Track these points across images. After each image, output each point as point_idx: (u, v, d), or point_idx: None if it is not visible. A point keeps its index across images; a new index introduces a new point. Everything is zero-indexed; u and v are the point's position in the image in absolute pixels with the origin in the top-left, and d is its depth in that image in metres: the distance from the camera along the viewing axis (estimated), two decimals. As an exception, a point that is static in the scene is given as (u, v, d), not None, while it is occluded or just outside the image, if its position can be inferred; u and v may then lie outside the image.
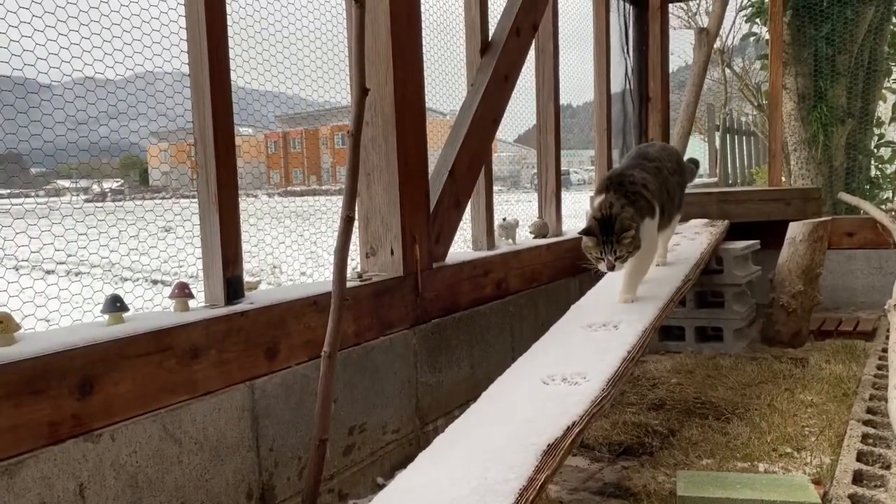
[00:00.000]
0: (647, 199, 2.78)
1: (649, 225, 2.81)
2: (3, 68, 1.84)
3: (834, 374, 3.41)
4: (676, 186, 3.17)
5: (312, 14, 2.68)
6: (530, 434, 1.88)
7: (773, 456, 2.57)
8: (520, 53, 3.80)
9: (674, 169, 3.16)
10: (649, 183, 2.84)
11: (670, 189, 3.06)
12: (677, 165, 3.24)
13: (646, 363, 3.86)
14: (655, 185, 2.89)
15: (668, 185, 3.03)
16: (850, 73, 6.40)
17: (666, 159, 3.14)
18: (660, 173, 2.99)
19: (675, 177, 3.15)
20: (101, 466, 1.78)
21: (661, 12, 6.06)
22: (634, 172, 2.86)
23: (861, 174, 6.69)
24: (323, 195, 3.36)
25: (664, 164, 3.07)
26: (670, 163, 3.15)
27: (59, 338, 1.79)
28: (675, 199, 3.17)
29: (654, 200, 2.84)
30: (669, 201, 3.06)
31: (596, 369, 2.27)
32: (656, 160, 3.06)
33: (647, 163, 3.01)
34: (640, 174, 2.86)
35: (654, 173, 2.96)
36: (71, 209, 2.07)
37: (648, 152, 3.13)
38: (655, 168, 3.00)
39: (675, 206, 3.20)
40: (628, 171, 2.86)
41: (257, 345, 2.22)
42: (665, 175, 3.03)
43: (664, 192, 2.98)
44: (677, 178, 3.19)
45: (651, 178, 2.89)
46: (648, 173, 2.91)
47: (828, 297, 4.80)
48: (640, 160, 3.02)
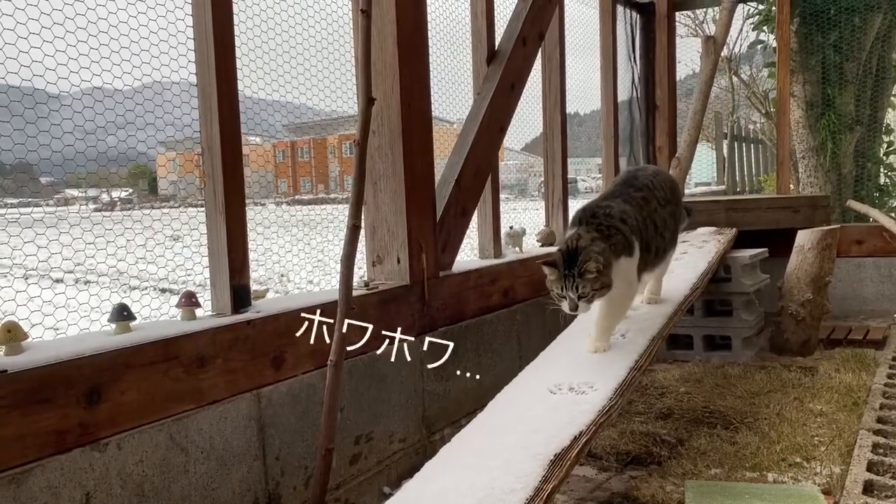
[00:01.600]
0: (625, 234, 2.41)
1: (626, 264, 2.41)
2: (14, 79, 1.85)
3: (844, 383, 3.38)
4: (668, 218, 2.74)
5: (319, 24, 2.70)
6: (537, 443, 1.87)
7: (783, 466, 2.55)
8: (526, 62, 3.80)
9: (666, 198, 2.74)
10: (629, 217, 2.47)
11: (659, 222, 2.65)
12: (670, 194, 2.79)
13: (654, 372, 3.85)
14: (638, 218, 2.52)
15: (655, 217, 2.63)
16: (859, 80, 6.37)
17: (657, 187, 2.72)
18: (647, 204, 2.61)
19: (666, 207, 2.72)
20: (107, 475, 1.78)
21: (667, 20, 6.06)
22: (613, 204, 2.49)
23: (870, 182, 6.66)
24: (330, 204, 3.36)
25: (654, 194, 2.67)
26: (662, 191, 2.72)
27: (66, 346, 1.80)
28: (667, 232, 2.73)
29: (634, 236, 2.45)
30: (657, 236, 2.64)
31: (603, 378, 2.26)
32: (644, 189, 2.66)
33: (633, 192, 2.62)
34: (620, 206, 2.49)
35: (639, 205, 2.57)
36: (79, 218, 2.08)
37: (637, 179, 2.72)
38: (642, 198, 2.61)
39: (666, 241, 2.75)
40: (605, 203, 2.49)
41: (264, 353, 2.23)
42: (654, 206, 2.64)
43: (650, 225, 2.59)
44: (670, 209, 2.75)
45: (633, 210, 2.52)
46: (631, 205, 2.54)
47: (837, 306, 4.77)
48: (625, 188, 2.64)
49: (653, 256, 2.62)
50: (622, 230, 2.40)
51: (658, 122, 6.11)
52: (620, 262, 2.37)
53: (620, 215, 2.44)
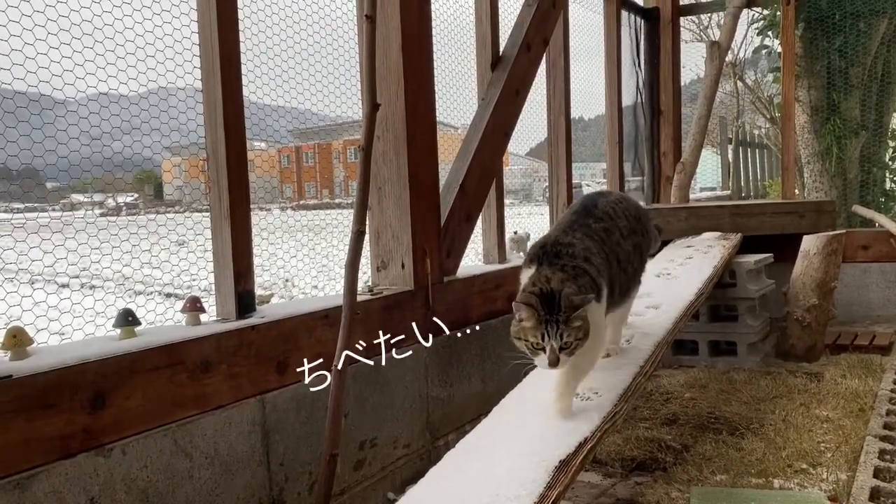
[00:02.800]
0: (591, 275, 2.05)
1: (595, 310, 2.02)
2: (20, 84, 1.86)
3: (850, 389, 3.37)
4: (632, 251, 2.35)
5: (324, 30, 2.70)
6: (542, 450, 1.86)
7: (789, 472, 2.54)
8: (531, 68, 3.81)
9: (630, 229, 2.36)
10: (593, 255, 2.11)
11: (622, 256, 2.28)
12: (635, 223, 2.40)
13: (659, 378, 3.83)
14: (601, 256, 2.16)
15: (618, 251, 2.27)
16: (864, 85, 6.36)
17: (620, 215, 2.34)
18: (609, 236, 2.24)
19: (630, 238, 2.35)
20: (112, 481, 1.78)
21: (672, 25, 6.07)
22: (575, 241, 2.11)
23: (875, 187, 6.64)
24: (335, 209, 3.37)
25: (616, 223, 2.30)
26: (625, 220, 2.34)
27: (71, 352, 1.80)
28: (630, 267, 2.34)
29: (601, 278, 2.10)
30: (621, 272, 2.27)
31: (608, 384, 2.26)
32: (606, 218, 2.28)
33: (593, 223, 2.24)
34: (583, 242, 2.12)
35: (601, 238, 2.21)
36: (85, 223, 2.09)
37: (596, 207, 2.31)
38: (604, 230, 2.24)
39: (630, 279, 2.38)
40: (567, 239, 2.11)
41: (268, 359, 2.23)
42: (616, 238, 2.27)
43: (613, 262, 2.23)
44: (634, 240, 2.38)
45: (596, 245, 2.17)
46: (593, 239, 2.18)
47: (843, 311, 4.75)
48: (584, 218, 2.25)
49: (616, 296, 2.26)
50: (589, 271, 2.04)
51: (663, 128, 6.11)
52: (591, 308, 1.96)
53: (584, 253, 2.07)
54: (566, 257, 2.03)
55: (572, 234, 2.15)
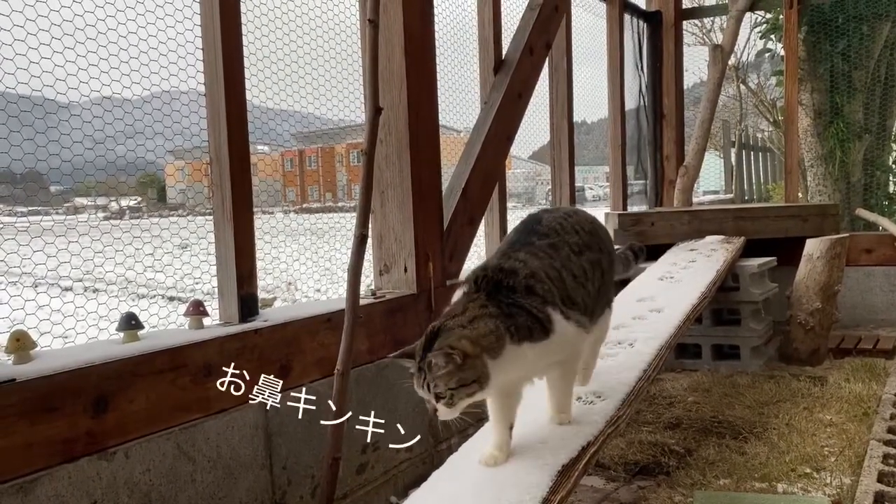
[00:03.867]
0: (532, 312, 1.73)
1: (528, 352, 1.71)
2: (24, 89, 1.87)
3: (853, 393, 3.36)
4: (589, 269, 1.98)
5: (327, 33, 2.71)
6: (545, 454, 1.86)
7: (792, 476, 2.53)
8: (533, 71, 3.81)
9: (584, 244, 2.00)
10: (539, 281, 1.79)
11: (578, 273, 1.93)
12: (590, 238, 2.04)
13: (662, 381, 3.83)
14: (551, 274, 1.85)
15: (573, 267, 1.92)
16: (867, 88, 6.36)
17: (570, 230, 1.99)
18: (557, 252, 1.92)
19: (585, 254, 1.98)
20: (114, 484, 1.79)
21: (674, 29, 6.07)
22: (517, 266, 1.80)
23: (879, 190, 6.63)
24: (338, 212, 3.37)
25: (565, 239, 1.96)
26: (577, 235, 2.00)
27: (74, 355, 1.81)
28: (590, 286, 1.97)
29: (550, 305, 1.77)
30: (579, 287, 1.93)
31: (611, 388, 2.25)
32: (551, 234, 1.95)
33: (537, 240, 1.93)
34: (527, 266, 1.81)
35: (549, 255, 1.89)
36: (88, 227, 2.09)
37: (540, 223, 1.99)
38: (550, 246, 1.92)
39: (594, 298, 2.00)
40: (508, 264, 1.80)
41: (271, 362, 2.23)
42: (566, 253, 1.93)
43: (568, 277, 1.90)
44: (589, 257, 2.00)
45: (543, 265, 1.85)
46: (538, 258, 1.87)
47: (846, 315, 4.74)
48: (527, 237, 1.94)
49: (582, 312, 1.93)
50: (526, 308, 1.73)
51: (665, 131, 6.11)
52: (522, 350, 1.70)
53: (527, 281, 1.77)
54: (505, 290, 1.75)
55: (514, 256, 1.85)
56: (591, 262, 2.00)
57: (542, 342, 1.74)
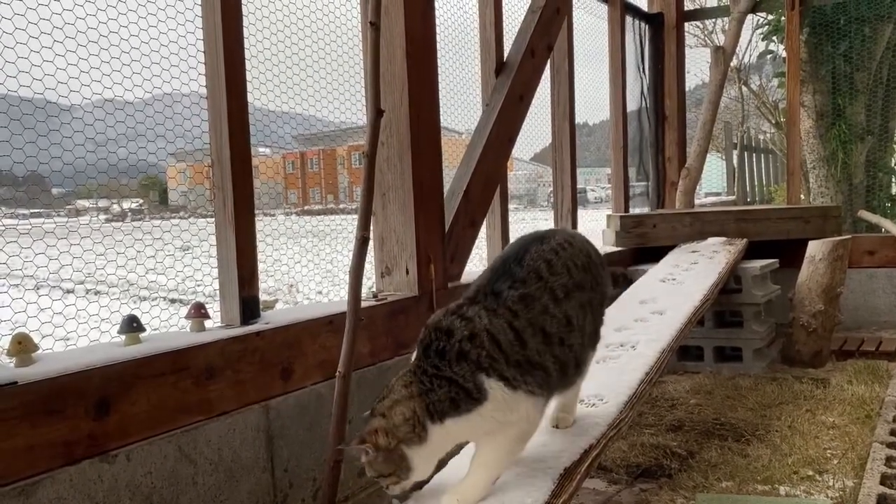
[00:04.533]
0: (457, 382, 1.52)
1: (454, 427, 1.55)
2: (26, 91, 1.87)
3: (856, 395, 3.35)
4: (578, 314, 1.72)
5: (328, 36, 2.71)
6: (547, 457, 1.85)
7: (795, 479, 2.53)
8: (535, 73, 3.81)
9: (576, 284, 1.73)
10: (478, 346, 1.55)
11: (554, 328, 1.66)
12: (584, 275, 1.77)
13: (664, 384, 3.82)
14: (496, 343, 1.57)
15: (546, 323, 1.65)
16: (869, 90, 6.35)
17: (559, 271, 1.71)
18: (529, 307, 1.63)
19: (574, 297, 1.72)
20: (116, 487, 1.78)
21: (676, 31, 6.07)
22: (455, 327, 1.57)
23: (881, 192, 6.62)
24: (339, 214, 3.37)
25: (548, 284, 1.68)
26: (567, 275, 1.72)
27: (76, 358, 1.81)
28: (574, 338, 1.71)
29: (484, 376, 1.53)
30: (556, 348, 1.67)
31: (613, 390, 2.25)
32: (529, 281, 1.67)
33: (507, 289, 1.65)
34: (481, 322, 1.58)
35: (514, 312, 1.62)
36: (90, 229, 2.10)
37: (521, 262, 1.70)
38: (520, 299, 1.63)
39: (578, 351, 1.74)
40: (446, 322, 1.59)
41: (272, 365, 2.23)
42: (544, 304, 1.66)
43: (533, 341, 1.62)
44: (581, 298, 1.75)
45: (498, 326, 1.59)
46: (496, 315, 1.60)
47: (849, 317, 4.73)
48: (499, 281, 1.67)
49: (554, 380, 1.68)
50: (452, 376, 1.53)
51: (667, 133, 6.10)
52: (446, 428, 1.54)
53: (459, 347, 1.54)
54: (434, 356, 1.56)
55: (465, 310, 1.61)
56: (580, 304, 1.74)
57: (471, 412, 1.53)
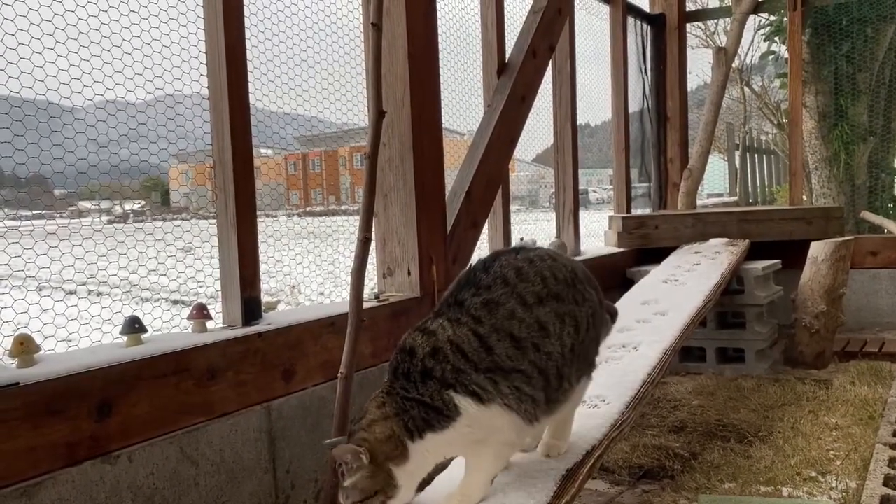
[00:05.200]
0: (425, 402, 1.47)
1: (435, 441, 1.48)
2: (28, 92, 1.87)
3: (859, 397, 3.34)
4: (558, 324, 1.59)
5: (330, 37, 2.71)
6: (549, 458, 1.85)
7: (797, 480, 2.52)
8: (536, 74, 3.81)
9: (550, 293, 1.60)
10: (441, 361, 1.49)
11: (524, 333, 1.54)
12: (562, 288, 1.62)
13: (666, 385, 3.82)
14: (461, 353, 1.50)
15: (514, 329, 1.54)
16: (872, 90, 6.34)
17: (529, 279, 1.59)
18: (492, 313, 1.54)
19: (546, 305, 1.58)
20: (118, 488, 1.78)
21: (678, 31, 6.06)
22: (417, 344, 1.53)
23: (884, 192, 6.61)
24: (341, 215, 3.37)
25: (517, 290, 1.57)
26: (541, 283, 1.59)
27: (78, 359, 1.81)
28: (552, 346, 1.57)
29: (452, 393, 1.47)
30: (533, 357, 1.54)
31: (615, 392, 2.24)
32: (494, 286, 1.57)
33: (470, 297, 1.57)
34: (444, 333, 1.52)
35: (477, 319, 1.53)
36: (92, 230, 2.10)
37: (487, 271, 1.61)
38: (483, 305, 1.55)
39: (568, 361, 1.61)
40: (412, 339, 1.54)
41: (274, 366, 2.22)
42: (510, 309, 1.55)
43: (502, 350, 1.51)
44: (557, 308, 1.60)
45: (462, 335, 1.51)
46: (460, 324, 1.53)
47: (852, 318, 4.72)
48: (461, 291, 1.59)
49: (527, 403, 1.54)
50: (420, 397, 1.47)
51: (669, 133, 6.10)
52: (417, 448, 1.48)
53: (423, 366, 1.49)
54: (401, 377, 1.50)
55: (429, 325, 1.56)
56: (558, 314, 1.59)
57: (447, 429, 1.48)
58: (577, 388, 1.70)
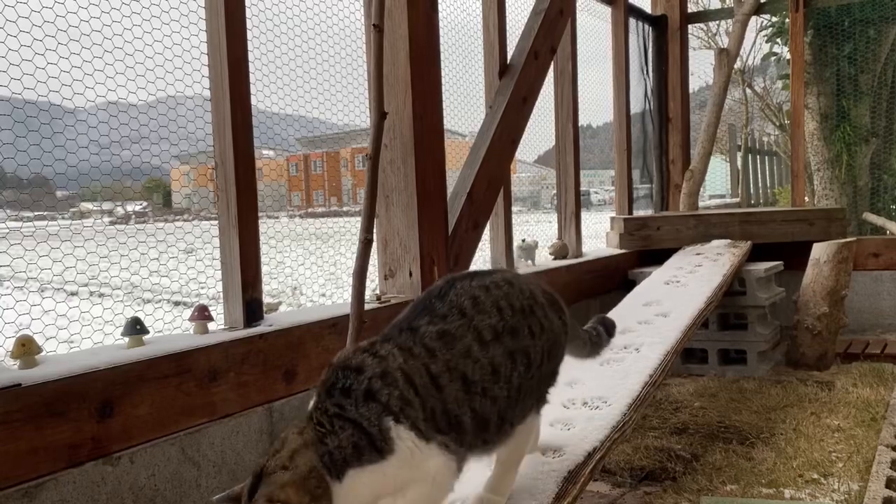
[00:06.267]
0: (361, 425, 1.33)
1: (355, 483, 1.31)
2: (30, 94, 1.87)
3: (861, 398, 3.34)
4: (509, 365, 1.53)
5: (332, 38, 2.71)
6: (551, 460, 1.85)
7: (800, 482, 2.52)
8: (538, 76, 3.81)
9: (507, 328, 1.54)
10: (389, 385, 1.37)
11: (477, 375, 1.47)
12: (518, 319, 1.57)
13: (668, 386, 3.81)
14: (411, 384, 1.39)
15: (467, 368, 1.46)
16: (874, 92, 6.34)
17: (486, 309, 1.53)
18: (448, 346, 1.46)
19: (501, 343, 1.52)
20: (119, 489, 1.78)
21: (680, 33, 6.06)
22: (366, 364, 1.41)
23: (886, 194, 6.61)
24: (343, 216, 3.37)
25: (474, 323, 1.50)
26: (497, 315, 1.53)
27: (80, 360, 1.81)
28: (499, 389, 1.50)
29: (392, 421, 1.33)
30: (477, 399, 1.46)
31: (617, 393, 2.25)
32: (450, 316, 1.50)
33: (425, 325, 1.49)
34: (394, 361, 1.41)
35: (431, 350, 1.45)
36: (94, 232, 2.10)
37: (443, 297, 1.54)
38: (438, 335, 1.47)
39: (512, 405, 1.54)
40: (357, 361, 1.43)
41: (276, 367, 2.22)
42: (466, 345, 1.48)
43: (451, 386, 1.43)
44: (511, 345, 1.54)
45: (410, 367, 1.41)
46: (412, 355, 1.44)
47: (854, 319, 4.71)
48: (417, 317, 1.52)
49: (469, 437, 1.45)
50: (356, 417, 1.33)
51: (671, 135, 6.10)
52: (348, 483, 1.31)
53: (368, 386, 1.36)
54: (339, 394, 1.37)
55: (378, 348, 1.46)
56: (509, 353, 1.52)
57: (373, 465, 1.31)
58: (521, 428, 1.60)
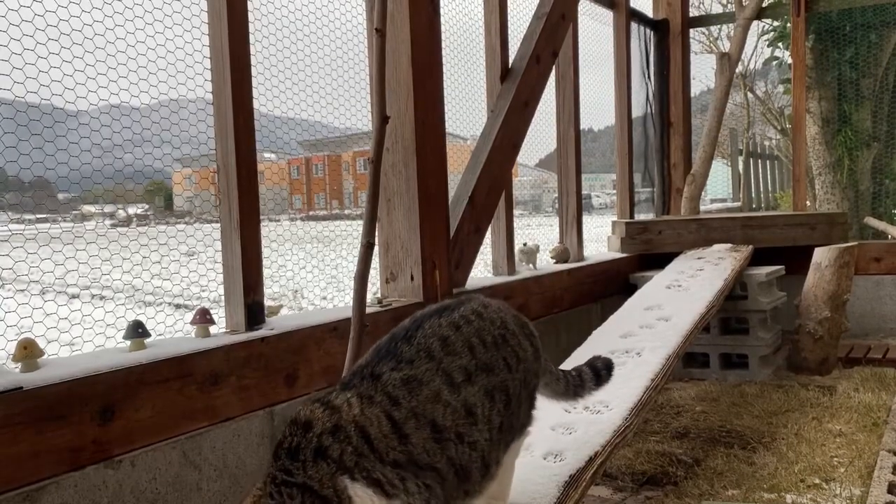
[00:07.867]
0: (312, 489, 1.22)
1: None
2: (32, 97, 1.88)
3: (863, 403, 3.33)
4: (487, 404, 1.46)
5: (334, 42, 2.72)
6: (552, 464, 1.85)
7: (801, 487, 2.51)
8: (540, 80, 3.81)
9: (481, 365, 1.47)
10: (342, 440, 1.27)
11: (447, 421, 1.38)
12: (492, 354, 1.51)
13: (669, 391, 3.81)
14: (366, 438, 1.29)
15: (437, 415, 1.37)
16: (875, 96, 6.33)
17: (458, 350, 1.46)
18: (414, 394, 1.37)
19: (476, 381, 1.45)
20: (120, 493, 1.78)
21: (682, 37, 6.07)
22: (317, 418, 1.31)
23: (888, 198, 6.60)
24: (345, 220, 3.37)
25: (443, 366, 1.42)
26: (469, 355, 1.46)
27: (81, 364, 1.81)
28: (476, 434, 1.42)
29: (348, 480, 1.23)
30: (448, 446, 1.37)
31: (619, 398, 2.24)
32: (417, 360, 1.41)
33: (389, 371, 1.39)
34: (350, 412, 1.31)
35: (394, 400, 1.35)
36: (96, 234, 2.10)
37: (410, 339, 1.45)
38: (403, 382, 1.37)
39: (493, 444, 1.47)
40: (309, 412, 1.33)
41: (277, 371, 2.22)
42: (434, 389, 1.39)
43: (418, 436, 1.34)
44: (487, 381, 1.47)
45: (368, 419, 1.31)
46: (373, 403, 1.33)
47: (856, 324, 4.71)
48: (383, 361, 1.42)
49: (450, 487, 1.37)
50: (305, 481, 1.23)
51: (673, 139, 6.10)
52: None
53: (318, 444, 1.26)
54: (285, 457, 1.26)
55: (337, 395, 1.35)
56: (487, 392, 1.44)
57: None
58: (506, 460, 1.54)
